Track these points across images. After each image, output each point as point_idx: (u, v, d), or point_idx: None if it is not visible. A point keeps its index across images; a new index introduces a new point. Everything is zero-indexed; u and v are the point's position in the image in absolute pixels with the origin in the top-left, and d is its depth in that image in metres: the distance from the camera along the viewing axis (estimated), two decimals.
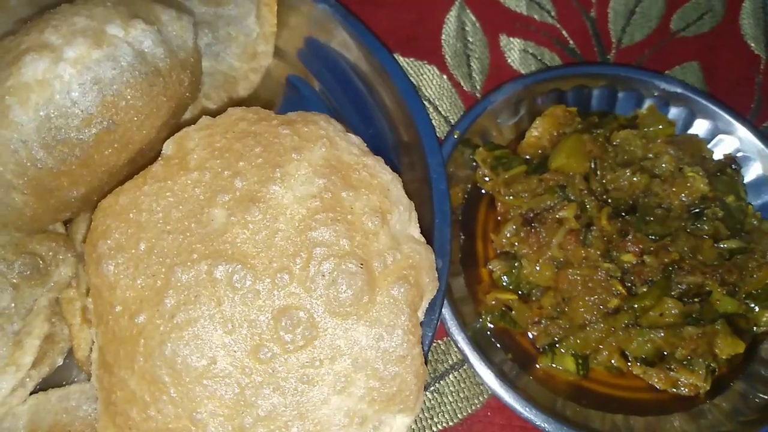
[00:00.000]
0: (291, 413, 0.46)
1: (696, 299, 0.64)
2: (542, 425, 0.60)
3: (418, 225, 0.55)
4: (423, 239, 0.54)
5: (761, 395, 0.63)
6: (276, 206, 0.49)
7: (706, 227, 0.67)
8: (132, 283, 0.48)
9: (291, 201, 0.49)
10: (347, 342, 0.47)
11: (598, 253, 0.65)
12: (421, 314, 0.51)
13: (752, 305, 0.65)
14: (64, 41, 0.50)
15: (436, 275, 0.53)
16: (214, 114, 0.56)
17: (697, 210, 0.68)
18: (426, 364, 0.50)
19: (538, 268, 0.66)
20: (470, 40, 0.87)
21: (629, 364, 0.64)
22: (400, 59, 0.85)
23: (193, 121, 0.55)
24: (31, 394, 0.56)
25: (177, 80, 0.56)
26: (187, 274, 0.47)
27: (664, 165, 0.71)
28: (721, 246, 0.66)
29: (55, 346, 0.57)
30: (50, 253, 0.57)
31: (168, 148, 0.53)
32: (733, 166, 0.73)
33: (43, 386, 0.57)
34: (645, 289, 0.64)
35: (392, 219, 0.51)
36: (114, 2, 0.54)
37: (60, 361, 0.58)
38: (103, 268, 0.48)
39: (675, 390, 0.63)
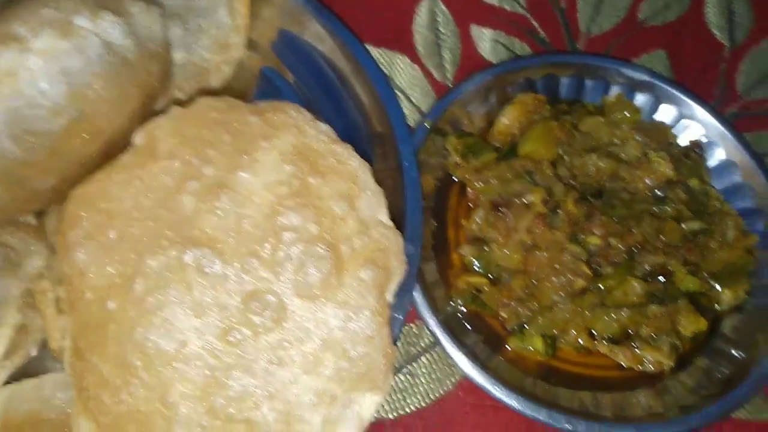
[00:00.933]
0: (261, 393, 0.46)
1: (659, 279, 0.65)
2: (512, 404, 0.61)
3: (387, 210, 0.56)
4: (392, 224, 0.55)
5: (723, 369, 0.65)
6: (244, 192, 0.50)
7: (669, 209, 0.68)
8: (102, 270, 0.48)
9: (259, 187, 0.50)
10: (316, 323, 0.48)
11: (565, 235, 0.66)
12: (389, 297, 0.52)
13: (714, 284, 0.67)
14: (31, 32, 0.50)
15: (405, 259, 0.54)
16: (185, 105, 0.56)
17: (661, 193, 0.70)
18: (395, 344, 0.51)
19: (507, 252, 0.67)
20: (442, 30, 0.88)
21: (596, 342, 0.66)
22: (373, 50, 0.85)
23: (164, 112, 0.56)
24: (4, 384, 0.56)
25: (146, 71, 0.57)
26: (156, 261, 0.48)
27: (630, 150, 0.72)
28: (684, 227, 0.68)
29: (29, 336, 0.57)
30: (21, 244, 0.57)
31: (138, 137, 0.54)
32: (697, 151, 0.75)
33: (17, 378, 0.58)
34: (610, 270, 0.66)
35: (360, 204, 0.52)
36: None
37: (34, 352, 0.58)
38: (73, 256, 0.49)
39: (641, 367, 0.65)
